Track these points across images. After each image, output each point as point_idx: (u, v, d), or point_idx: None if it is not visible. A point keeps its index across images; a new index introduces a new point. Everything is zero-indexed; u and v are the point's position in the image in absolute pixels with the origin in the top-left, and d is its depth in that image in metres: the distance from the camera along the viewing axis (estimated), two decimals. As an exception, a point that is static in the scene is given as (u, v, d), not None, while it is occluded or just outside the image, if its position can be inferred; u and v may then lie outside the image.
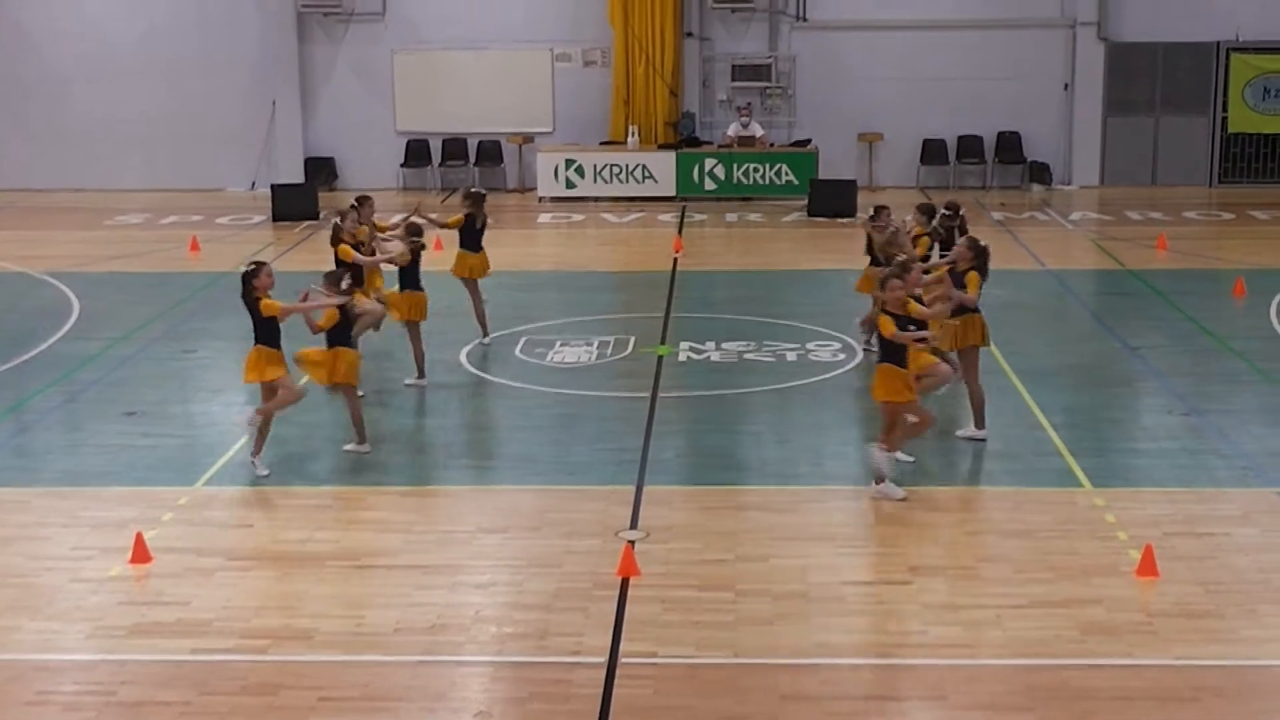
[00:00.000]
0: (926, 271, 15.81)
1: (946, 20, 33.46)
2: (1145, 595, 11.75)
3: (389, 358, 18.72)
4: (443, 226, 19.45)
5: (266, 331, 14.63)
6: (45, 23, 34.13)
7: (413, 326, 17.63)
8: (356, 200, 18.68)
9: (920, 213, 18.10)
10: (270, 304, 14.53)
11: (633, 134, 32.78)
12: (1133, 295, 22.42)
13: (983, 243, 15.48)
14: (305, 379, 15.57)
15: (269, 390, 14.79)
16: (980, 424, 15.49)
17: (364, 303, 16.64)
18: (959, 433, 15.54)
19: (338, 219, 18.03)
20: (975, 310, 15.14)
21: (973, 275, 15.15)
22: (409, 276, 17.55)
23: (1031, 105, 33.82)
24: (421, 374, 17.70)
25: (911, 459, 14.65)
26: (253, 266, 14.68)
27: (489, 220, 19.72)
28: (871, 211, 18.71)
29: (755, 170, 32.27)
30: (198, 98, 34.14)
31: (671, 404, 17.12)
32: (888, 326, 13.54)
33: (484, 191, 20.16)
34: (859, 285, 18.71)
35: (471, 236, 19.23)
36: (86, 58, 34.09)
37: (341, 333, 14.98)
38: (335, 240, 17.76)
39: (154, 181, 34.20)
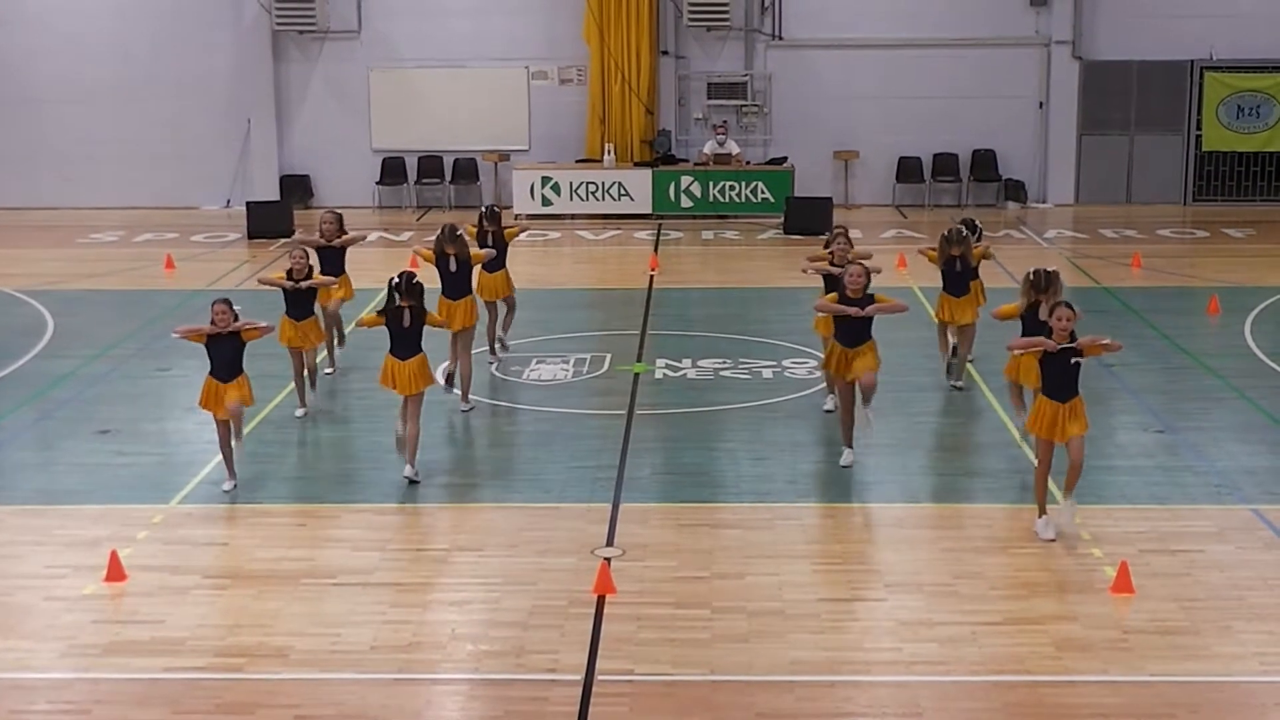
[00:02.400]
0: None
1: (922, 39, 33.55)
2: (1121, 612, 11.78)
3: (372, 386, 18.71)
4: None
5: (417, 340, 14.96)
6: (19, 43, 34.03)
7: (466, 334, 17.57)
8: (490, 209, 19.47)
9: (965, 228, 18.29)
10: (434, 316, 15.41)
11: (609, 152, 32.80)
12: (1108, 313, 22.47)
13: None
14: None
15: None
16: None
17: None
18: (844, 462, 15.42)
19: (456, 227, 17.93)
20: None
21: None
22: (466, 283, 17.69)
23: (1006, 123, 33.92)
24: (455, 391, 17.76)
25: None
26: (417, 279, 14.97)
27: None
28: (956, 230, 18.06)
29: (731, 188, 32.30)
30: (173, 116, 34.06)
31: (648, 421, 17.12)
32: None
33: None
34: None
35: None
36: (61, 77, 33.98)
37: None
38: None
39: (129, 200, 34.12)
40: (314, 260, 17.92)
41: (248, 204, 31.15)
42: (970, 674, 10.77)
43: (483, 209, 19.74)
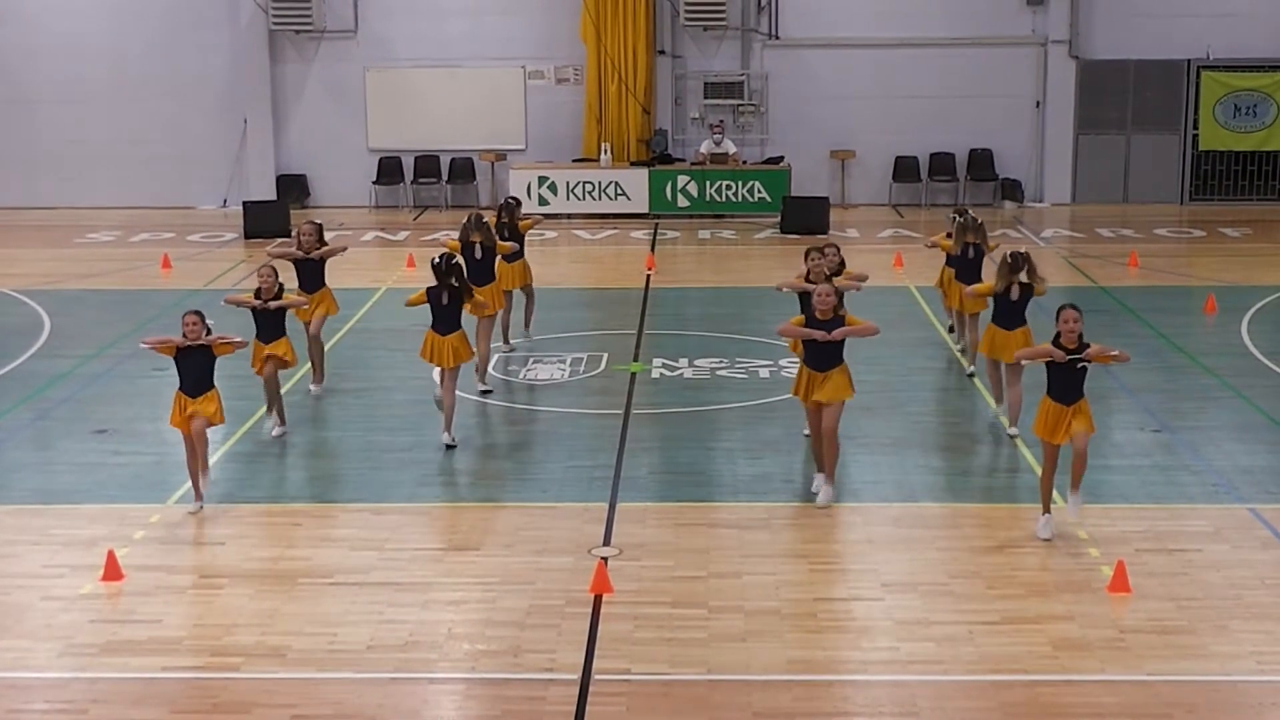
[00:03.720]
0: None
1: (918, 38, 33.54)
2: (1117, 611, 11.78)
3: (368, 386, 18.70)
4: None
5: (456, 317, 16.06)
6: (16, 43, 34.00)
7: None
8: (512, 200, 20.34)
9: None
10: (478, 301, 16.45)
11: (605, 151, 32.78)
12: (1105, 312, 22.45)
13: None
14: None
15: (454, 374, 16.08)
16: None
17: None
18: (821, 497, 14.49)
19: (482, 217, 18.77)
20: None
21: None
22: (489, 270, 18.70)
23: (1003, 122, 33.92)
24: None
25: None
26: (456, 260, 16.07)
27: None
28: (956, 218, 18.54)
29: (728, 187, 32.29)
30: (169, 116, 34.03)
31: (644, 421, 17.12)
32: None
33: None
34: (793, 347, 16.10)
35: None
36: (57, 77, 33.95)
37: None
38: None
39: (125, 200, 34.09)
40: (295, 272, 17.75)
41: (244, 204, 31.13)
42: (967, 673, 10.78)
43: (502, 202, 20.53)
